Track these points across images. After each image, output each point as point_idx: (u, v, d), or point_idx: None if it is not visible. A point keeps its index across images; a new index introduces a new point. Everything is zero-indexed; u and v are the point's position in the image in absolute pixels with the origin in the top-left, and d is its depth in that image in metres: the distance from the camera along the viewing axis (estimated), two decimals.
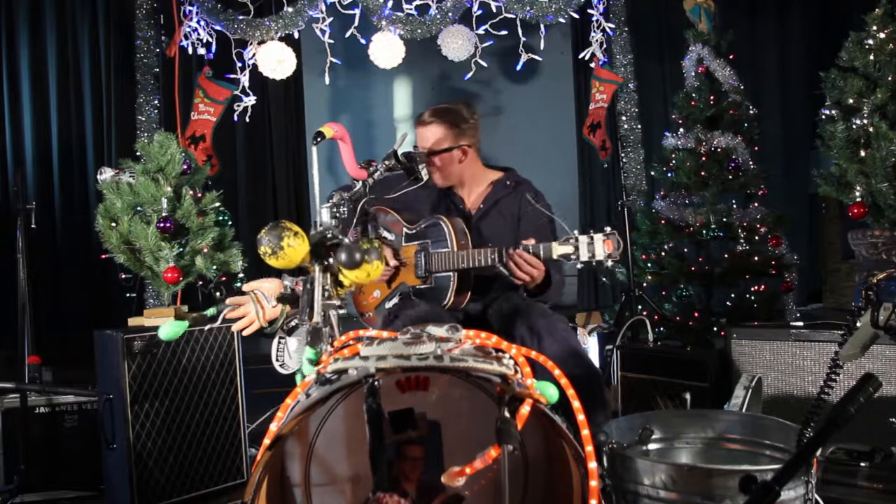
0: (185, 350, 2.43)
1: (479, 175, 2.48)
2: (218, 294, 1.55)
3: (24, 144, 4.79)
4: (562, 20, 4.84)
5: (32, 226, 2.98)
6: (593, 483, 1.21)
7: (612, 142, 5.16)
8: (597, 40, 4.98)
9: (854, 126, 3.20)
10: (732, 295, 4.15)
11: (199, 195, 2.96)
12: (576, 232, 2.03)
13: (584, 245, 2.00)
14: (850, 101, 3.25)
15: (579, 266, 2.07)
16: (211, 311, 1.60)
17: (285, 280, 1.42)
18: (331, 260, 1.40)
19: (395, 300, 2.41)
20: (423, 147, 2.39)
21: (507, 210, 2.42)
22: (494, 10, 4.68)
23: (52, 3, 4.89)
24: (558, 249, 2.05)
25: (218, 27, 4.51)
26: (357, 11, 4.52)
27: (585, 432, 1.29)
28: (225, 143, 5.05)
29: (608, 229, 2.01)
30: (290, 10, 4.45)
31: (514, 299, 2.29)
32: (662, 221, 4.25)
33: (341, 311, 1.47)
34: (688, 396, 2.18)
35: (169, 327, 1.55)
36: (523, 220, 2.39)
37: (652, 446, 1.66)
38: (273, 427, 1.27)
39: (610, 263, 2.03)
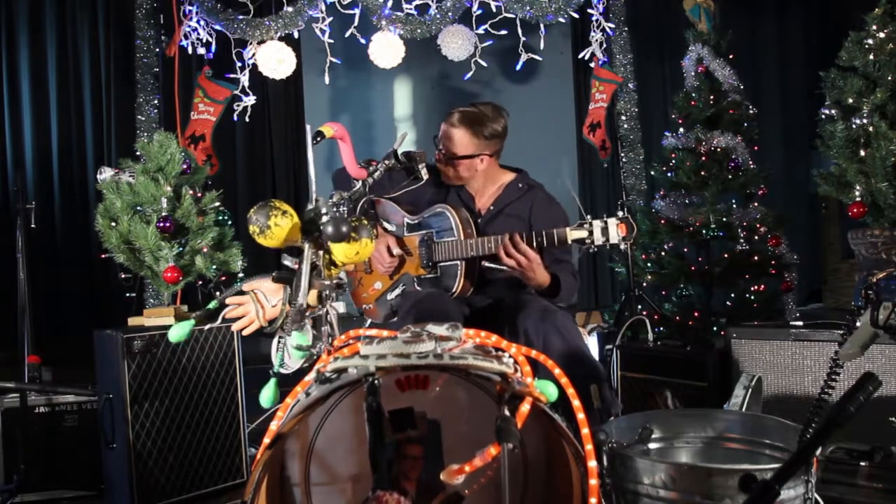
0: (185, 350, 2.42)
1: (493, 176, 2.48)
2: (218, 294, 1.55)
3: (24, 144, 4.79)
4: (562, 20, 4.84)
5: (32, 226, 2.97)
6: (593, 482, 1.22)
7: (612, 142, 5.16)
8: (596, 40, 4.98)
9: (854, 126, 3.20)
10: (732, 295, 4.15)
11: (199, 195, 2.96)
12: (589, 216, 2.03)
13: (598, 229, 2.01)
14: (850, 100, 3.25)
15: (593, 250, 2.07)
16: (213, 304, 1.60)
17: (285, 261, 1.41)
18: (322, 238, 1.38)
19: (398, 291, 2.41)
20: (444, 145, 2.38)
21: (516, 213, 2.42)
22: (494, 9, 4.67)
23: (52, 3, 4.89)
24: (572, 234, 2.05)
25: (218, 27, 4.51)
26: (357, 11, 4.52)
27: (585, 431, 1.29)
28: (225, 142, 5.05)
29: (621, 213, 2.02)
30: (290, 9, 4.44)
31: (521, 295, 2.29)
32: (662, 221, 4.25)
33: (340, 309, 1.47)
34: (668, 394, 2.18)
35: (177, 329, 1.52)
36: (535, 220, 2.39)
37: (652, 445, 1.66)
38: (273, 426, 1.27)
39: (623, 247, 2.04)
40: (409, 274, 2.40)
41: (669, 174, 4.31)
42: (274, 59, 4.42)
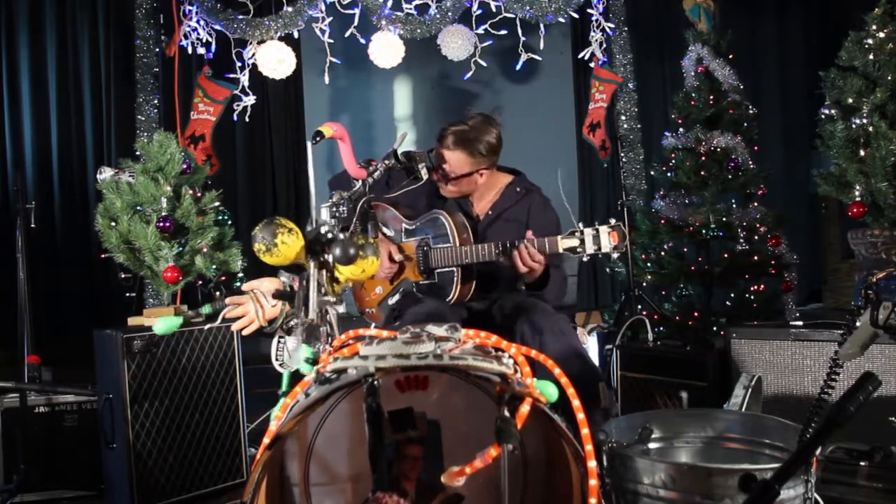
0: (184, 350, 2.43)
1: (490, 181, 2.48)
2: (217, 293, 1.55)
3: (24, 144, 4.79)
4: (561, 20, 4.83)
5: (32, 225, 2.98)
6: (593, 482, 1.21)
7: (612, 142, 5.15)
8: (596, 40, 4.98)
9: (854, 126, 3.20)
10: (732, 295, 4.15)
11: (199, 195, 2.96)
12: (580, 225, 2.03)
13: (590, 237, 2.01)
14: (850, 100, 3.25)
15: (585, 258, 2.07)
16: (206, 309, 1.61)
17: (282, 277, 1.42)
18: (326, 256, 1.39)
19: (398, 297, 2.41)
20: (441, 167, 2.37)
21: (514, 218, 2.42)
22: (494, 9, 4.67)
23: (52, 3, 4.89)
24: (564, 243, 2.05)
25: (218, 27, 4.50)
26: (357, 11, 4.52)
27: (585, 431, 1.29)
28: (225, 142, 5.05)
29: (613, 221, 2.02)
30: (290, 9, 4.44)
31: (518, 297, 2.30)
32: (662, 221, 4.25)
33: (339, 310, 1.47)
34: (684, 395, 2.18)
35: (163, 322, 1.60)
36: (532, 225, 2.39)
37: (652, 445, 1.66)
38: (273, 426, 1.27)
39: (616, 255, 2.03)
40: (409, 279, 2.41)
41: (669, 174, 4.31)
42: (274, 59, 4.42)
